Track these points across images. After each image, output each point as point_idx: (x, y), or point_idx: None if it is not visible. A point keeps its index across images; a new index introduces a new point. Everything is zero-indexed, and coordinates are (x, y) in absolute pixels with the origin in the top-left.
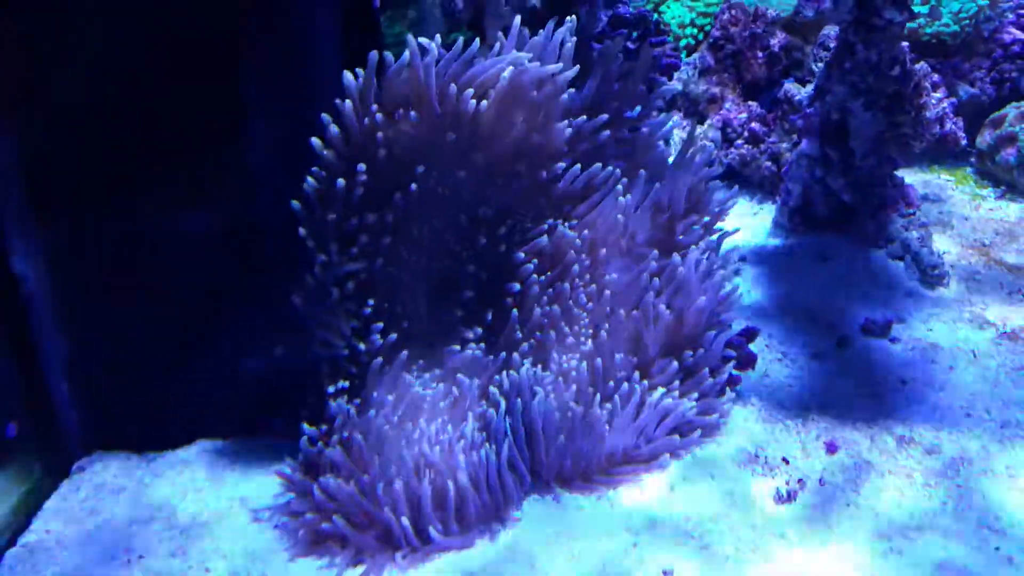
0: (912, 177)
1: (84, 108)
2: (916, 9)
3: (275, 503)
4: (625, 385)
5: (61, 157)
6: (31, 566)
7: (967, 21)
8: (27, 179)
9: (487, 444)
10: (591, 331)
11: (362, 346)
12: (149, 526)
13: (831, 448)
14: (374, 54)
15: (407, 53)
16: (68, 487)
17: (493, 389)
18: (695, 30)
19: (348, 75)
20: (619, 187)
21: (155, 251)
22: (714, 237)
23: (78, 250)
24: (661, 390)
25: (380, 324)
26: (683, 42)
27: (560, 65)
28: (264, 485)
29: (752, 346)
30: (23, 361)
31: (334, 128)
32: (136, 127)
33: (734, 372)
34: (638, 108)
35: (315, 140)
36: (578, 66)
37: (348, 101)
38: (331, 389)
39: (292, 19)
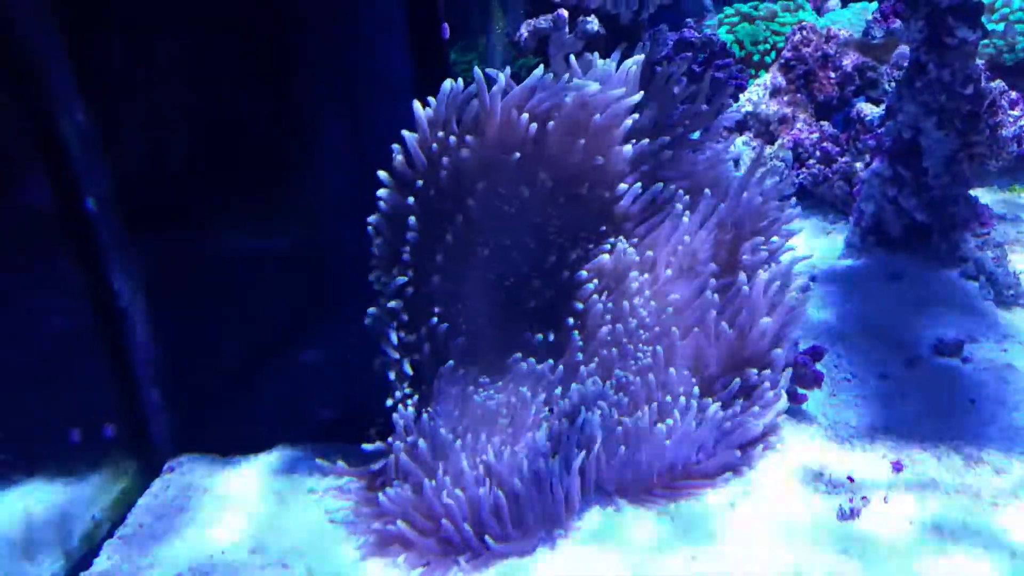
0: (990, 196)
1: (171, 145)
2: (990, 28)
3: (348, 506)
4: (683, 400)
5: (152, 187)
6: (126, 555)
7: None
8: (122, 206)
9: (548, 454)
10: (652, 347)
11: (426, 352)
12: (232, 525)
13: (897, 467)
14: (444, 83)
15: (477, 76)
16: (159, 485)
17: (556, 402)
18: (767, 47)
19: (418, 104)
20: (679, 206)
21: (236, 270)
22: (784, 257)
23: (167, 268)
24: (720, 406)
25: (443, 336)
26: (755, 58)
27: (623, 89)
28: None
29: (820, 365)
30: (118, 368)
31: (403, 152)
32: (217, 162)
33: (800, 391)
34: (702, 129)
35: (382, 173)
36: (642, 91)
37: (416, 128)
38: (396, 398)
39: (363, 55)
